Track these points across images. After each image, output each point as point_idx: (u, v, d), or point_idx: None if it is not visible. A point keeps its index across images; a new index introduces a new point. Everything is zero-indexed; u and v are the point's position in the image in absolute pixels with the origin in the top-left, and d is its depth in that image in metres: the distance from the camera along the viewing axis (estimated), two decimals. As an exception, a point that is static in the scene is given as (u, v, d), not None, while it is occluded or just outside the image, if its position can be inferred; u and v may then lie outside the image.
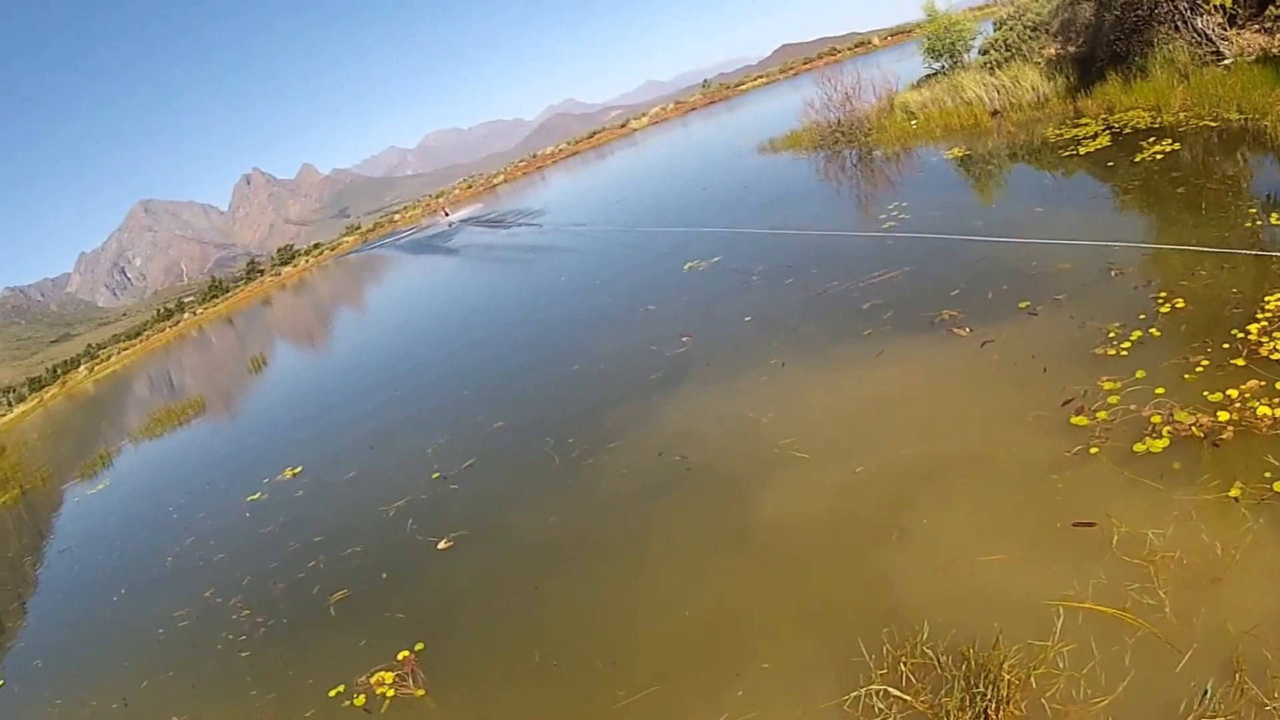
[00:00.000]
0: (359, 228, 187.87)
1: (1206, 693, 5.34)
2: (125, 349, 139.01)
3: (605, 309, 22.68)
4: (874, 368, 11.89)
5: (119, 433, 42.23)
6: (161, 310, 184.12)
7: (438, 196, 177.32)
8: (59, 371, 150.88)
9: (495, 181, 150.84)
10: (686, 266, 22.66)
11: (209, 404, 36.82)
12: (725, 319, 16.96)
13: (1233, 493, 6.87)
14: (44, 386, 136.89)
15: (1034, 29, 27.09)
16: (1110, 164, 17.11)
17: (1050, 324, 10.97)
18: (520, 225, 54.95)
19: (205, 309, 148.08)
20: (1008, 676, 5.83)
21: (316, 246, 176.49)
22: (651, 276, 24.04)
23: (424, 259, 65.04)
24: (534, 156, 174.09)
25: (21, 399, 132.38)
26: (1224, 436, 7.57)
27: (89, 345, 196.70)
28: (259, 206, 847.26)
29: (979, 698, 5.76)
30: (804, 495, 9.56)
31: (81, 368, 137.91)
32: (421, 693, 9.00)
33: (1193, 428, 7.80)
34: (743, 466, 10.80)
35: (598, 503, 11.73)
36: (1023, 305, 11.72)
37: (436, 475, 15.00)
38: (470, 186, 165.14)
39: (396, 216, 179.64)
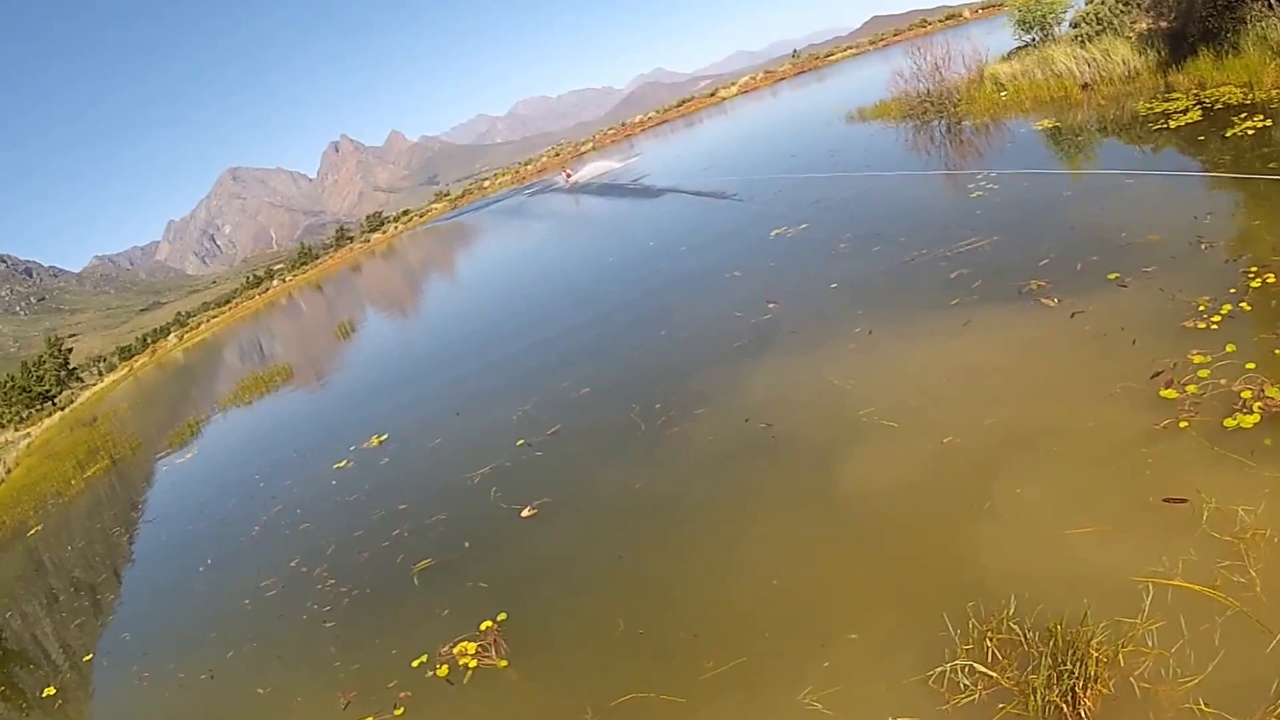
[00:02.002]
0: (448, 195, 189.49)
1: (1298, 674, 5.25)
2: (215, 316, 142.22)
3: (691, 274, 22.80)
4: (961, 337, 11.86)
5: (208, 401, 43.20)
6: (251, 277, 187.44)
7: (526, 164, 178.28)
8: (149, 340, 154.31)
9: (584, 150, 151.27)
10: (773, 233, 22.69)
11: (297, 371, 37.58)
12: (811, 286, 16.92)
13: (1324, 472, 6.73)
14: (134, 355, 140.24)
15: (1125, 3, 26.89)
16: (1201, 138, 16.88)
17: (1140, 296, 10.87)
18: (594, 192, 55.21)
19: (294, 276, 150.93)
20: (1095, 654, 5.82)
21: (406, 213, 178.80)
22: (737, 242, 24.17)
23: (513, 225, 65.49)
24: (623, 125, 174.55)
25: (112, 368, 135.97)
26: (1315, 414, 7.42)
27: (178, 313, 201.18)
28: (347, 174, 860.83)
29: (1066, 675, 5.74)
30: (891, 464, 9.56)
31: (171, 336, 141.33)
32: (504, 663, 9.14)
33: (1284, 404, 7.66)
34: (829, 434, 10.81)
35: (683, 470, 11.83)
36: (1112, 276, 11.63)
37: (521, 442, 15.20)
38: (558, 155, 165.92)
39: (486, 184, 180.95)
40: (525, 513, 12.46)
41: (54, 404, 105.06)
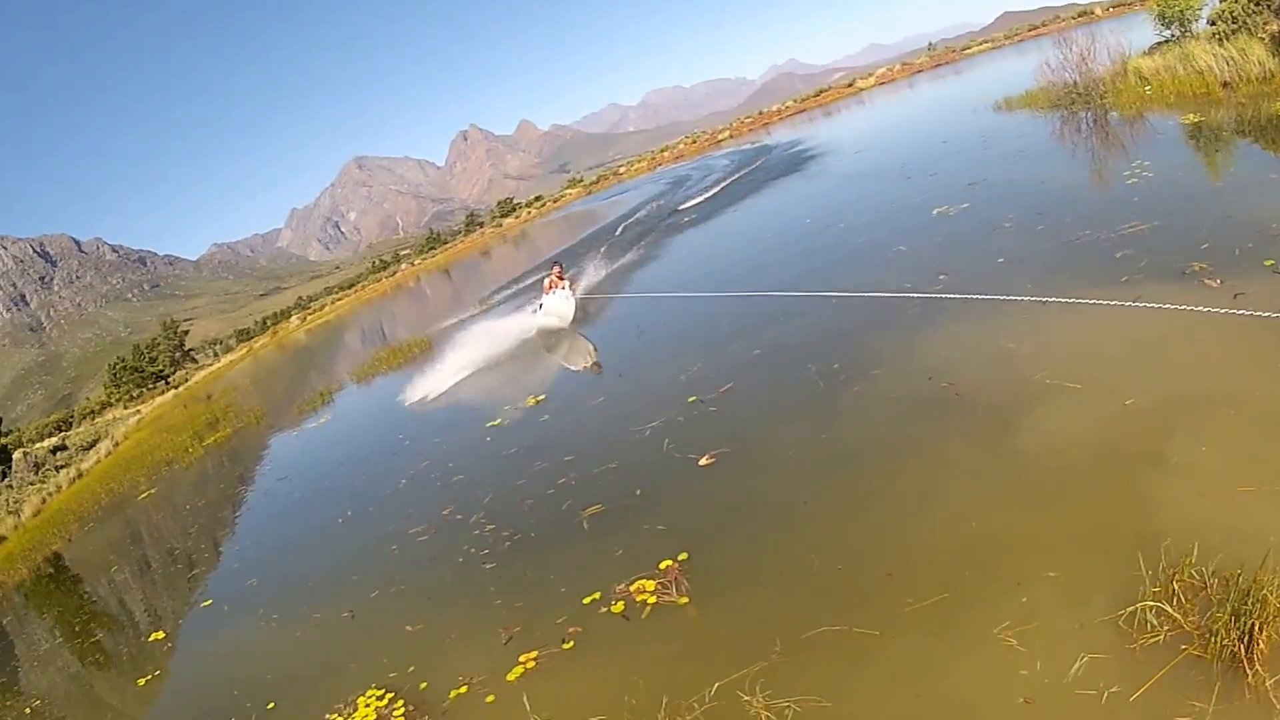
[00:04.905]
0: (580, 181, 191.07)
1: None
2: (339, 299, 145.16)
3: (856, 249, 23.09)
4: (1132, 313, 12.00)
5: (339, 373, 44.54)
6: (376, 262, 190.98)
7: (661, 150, 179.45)
8: (269, 323, 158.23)
9: (720, 137, 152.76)
10: (935, 212, 22.85)
11: (435, 344, 37.94)
12: (979, 260, 17.15)
13: None
14: (252, 337, 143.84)
15: (1257, 3, 26.84)
16: None
17: None
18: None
19: (422, 260, 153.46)
20: (1273, 598, 6.08)
21: (538, 199, 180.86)
22: (900, 220, 24.38)
23: (656, 206, 65.28)
24: (760, 114, 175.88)
25: (228, 349, 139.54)
26: None
27: (299, 297, 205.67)
28: (476, 161, 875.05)
29: (1245, 615, 6.04)
30: (1076, 421, 9.86)
31: (293, 317, 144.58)
32: (685, 600, 9.29)
33: None
34: (1011, 394, 11.04)
35: (866, 422, 12.01)
36: (1268, 263, 11.96)
37: (693, 399, 15.35)
38: (694, 141, 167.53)
39: (621, 170, 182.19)
40: (703, 461, 12.60)
41: (167, 383, 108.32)
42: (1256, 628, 5.92)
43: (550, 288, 27.59)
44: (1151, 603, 6.57)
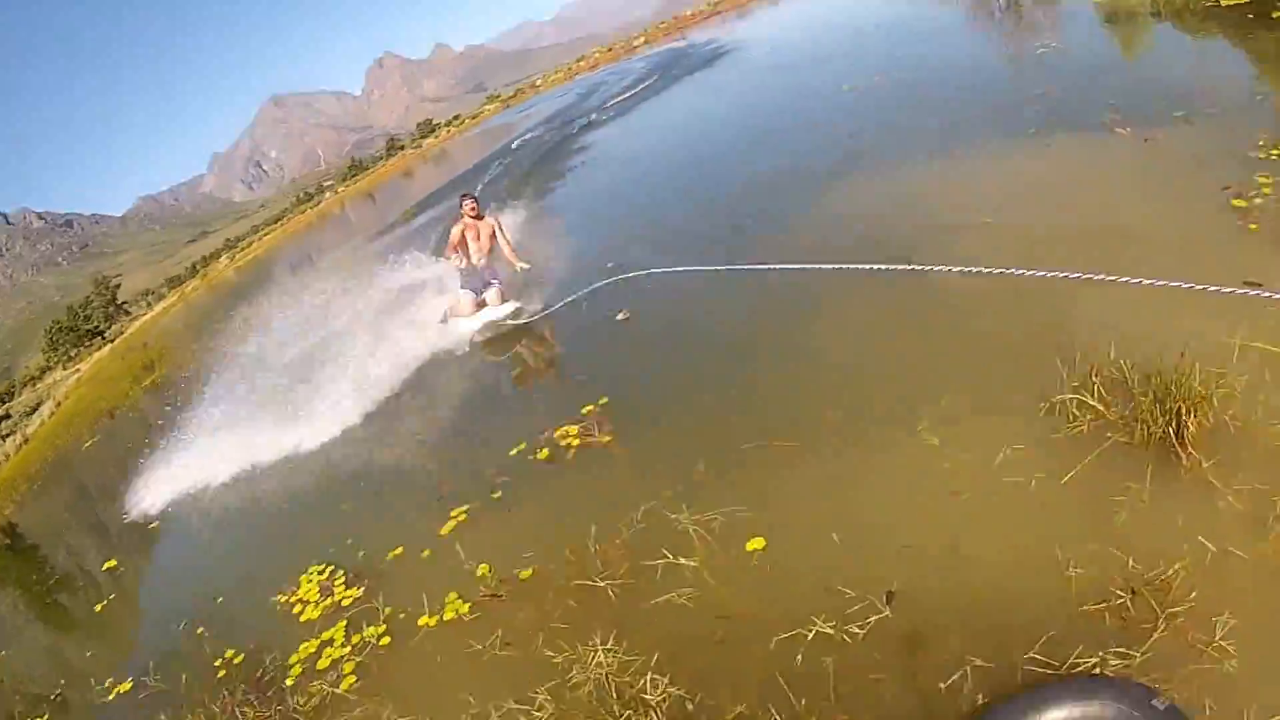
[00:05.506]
0: (499, 96, 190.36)
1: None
2: (266, 234, 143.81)
3: (768, 127, 23.58)
4: (1042, 157, 12.63)
5: (265, 307, 43.91)
6: (301, 195, 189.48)
7: (579, 61, 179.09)
8: (198, 267, 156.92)
9: (636, 44, 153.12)
10: (846, 88, 23.45)
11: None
12: (889, 124, 17.72)
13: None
14: (183, 282, 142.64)
15: None
16: (1250, 17, 17.21)
17: (1205, 130, 11.59)
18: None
19: (346, 187, 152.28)
20: (1199, 386, 6.27)
21: (457, 118, 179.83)
22: (809, 98, 24.94)
23: (577, 110, 65.01)
24: (674, 19, 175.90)
25: (161, 298, 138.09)
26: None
27: (227, 239, 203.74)
28: (393, 88, 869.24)
29: (1171, 400, 6.23)
30: (985, 254, 10.04)
31: (223, 258, 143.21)
32: (608, 439, 9.50)
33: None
34: (921, 234, 11.28)
35: (780, 271, 11.92)
36: (1178, 115, 12.32)
37: (611, 265, 15.33)
38: (610, 50, 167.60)
39: (538, 82, 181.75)
40: (620, 316, 12.83)
41: (103, 338, 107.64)
42: (1184, 411, 6.10)
43: (463, 236, 15.62)
44: (1071, 395, 6.79)
